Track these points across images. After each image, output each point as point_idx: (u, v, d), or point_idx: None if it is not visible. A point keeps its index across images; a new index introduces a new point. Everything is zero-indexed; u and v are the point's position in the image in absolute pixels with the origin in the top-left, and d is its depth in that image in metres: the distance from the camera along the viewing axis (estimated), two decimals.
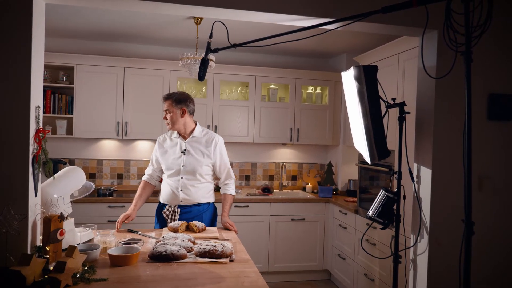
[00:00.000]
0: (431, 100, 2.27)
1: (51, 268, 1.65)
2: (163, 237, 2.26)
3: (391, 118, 2.85)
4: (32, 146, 1.85)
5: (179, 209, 2.70)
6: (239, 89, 4.63)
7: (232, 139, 4.40)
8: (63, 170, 2.25)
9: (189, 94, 2.87)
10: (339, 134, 4.73)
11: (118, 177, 4.54)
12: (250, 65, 4.67)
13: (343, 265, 4.02)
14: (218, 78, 4.39)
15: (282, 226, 4.27)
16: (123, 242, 2.17)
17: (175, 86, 4.28)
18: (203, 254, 1.99)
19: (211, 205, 2.81)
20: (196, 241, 2.24)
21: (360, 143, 2.30)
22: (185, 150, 2.72)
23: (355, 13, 1.84)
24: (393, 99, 2.35)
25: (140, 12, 3.29)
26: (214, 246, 2.01)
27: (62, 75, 4.19)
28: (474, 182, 2.29)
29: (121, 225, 2.57)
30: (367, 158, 2.26)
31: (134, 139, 4.50)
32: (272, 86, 4.65)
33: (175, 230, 2.44)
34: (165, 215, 2.73)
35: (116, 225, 2.56)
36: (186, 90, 4.43)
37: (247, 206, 4.17)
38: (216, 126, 4.38)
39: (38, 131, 1.87)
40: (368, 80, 2.12)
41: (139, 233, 2.48)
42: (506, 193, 2.37)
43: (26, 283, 1.51)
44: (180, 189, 2.70)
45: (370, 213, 2.40)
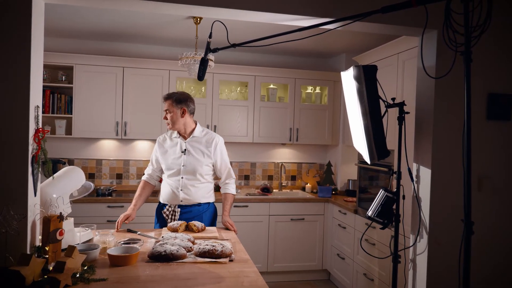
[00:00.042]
0: (430, 100, 2.28)
1: (51, 268, 1.65)
2: (163, 237, 2.26)
3: (390, 118, 2.85)
4: (32, 146, 1.85)
5: (179, 209, 2.70)
6: (238, 89, 4.63)
7: (231, 139, 4.39)
8: (63, 170, 2.25)
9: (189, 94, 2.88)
10: (339, 134, 4.73)
11: (117, 177, 4.54)
12: (250, 65, 4.67)
13: (343, 265, 4.02)
14: (217, 78, 4.39)
15: (282, 226, 4.27)
16: (123, 242, 2.17)
17: (175, 86, 4.27)
18: (203, 254, 1.99)
19: (211, 205, 2.81)
20: (196, 241, 2.24)
21: (360, 143, 2.30)
22: (186, 150, 2.72)
23: (354, 13, 1.84)
24: (393, 99, 2.35)
25: (139, 12, 3.28)
26: (213, 246, 2.01)
27: (61, 75, 4.19)
28: (474, 182, 2.30)
29: (121, 225, 2.57)
30: (366, 158, 2.26)
31: (133, 139, 4.49)
32: (271, 86, 4.65)
33: (174, 230, 2.44)
34: (165, 215, 2.73)
35: (116, 225, 2.56)
36: (185, 90, 4.43)
37: (247, 206, 4.16)
38: (215, 126, 4.38)
39: (37, 131, 1.87)
40: (368, 80, 2.13)
41: (138, 233, 2.48)
42: (505, 193, 2.37)
43: (26, 283, 1.51)
44: (181, 189, 2.70)
45: (369, 213, 2.41)
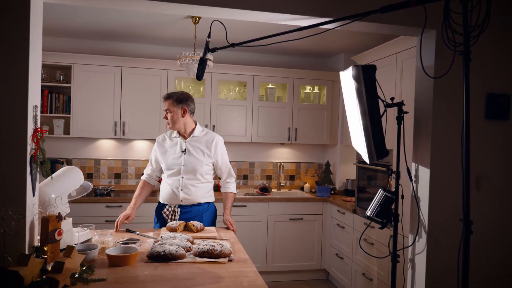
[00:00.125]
0: (429, 100, 2.28)
1: (49, 268, 1.64)
2: (162, 237, 2.25)
3: (389, 117, 2.86)
4: (30, 146, 1.84)
5: (179, 209, 2.70)
6: (237, 88, 4.63)
7: (230, 138, 4.38)
8: (61, 170, 2.24)
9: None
10: (337, 133, 4.73)
11: (115, 176, 4.53)
12: (248, 65, 4.67)
13: (341, 264, 4.02)
14: (216, 77, 4.38)
15: (280, 225, 4.27)
16: (121, 242, 2.16)
17: (173, 85, 4.27)
18: (202, 254, 1.99)
19: (211, 204, 2.80)
20: (195, 241, 2.23)
21: (359, 142, 2.30)
22: (186, 149, 2.71)
23: (353, 13, 1.84)
24: (392, 98, 2.35)
25: (138, 11, 3.28)
26: (212, 246, 2.01)
27: (59, 75, 4.18)
28: (472, 182, 2.30)
29: (121, 225, 2.56)
30: (365, 157, 2.26)
31: (131, 139, 4.48)
32: (270, 85, 4.65)
33: (173, 230, 2.44)
34: (165, 215, 2.72)
35: (116, 225, 2.55)
36: (183, 90, 4.42)
37: (245, 206, 4.16)
38: (214, 126, 4.38)
39: (35, 130, 1.86)
40: (367, 79, 2.13)
41: (137, 233, 2.48)
42: (504, 193, 2.38)
43: (24, 283, 1.51)
44: (181, 189, 2.69)
45: (368, 213, 2.41)
